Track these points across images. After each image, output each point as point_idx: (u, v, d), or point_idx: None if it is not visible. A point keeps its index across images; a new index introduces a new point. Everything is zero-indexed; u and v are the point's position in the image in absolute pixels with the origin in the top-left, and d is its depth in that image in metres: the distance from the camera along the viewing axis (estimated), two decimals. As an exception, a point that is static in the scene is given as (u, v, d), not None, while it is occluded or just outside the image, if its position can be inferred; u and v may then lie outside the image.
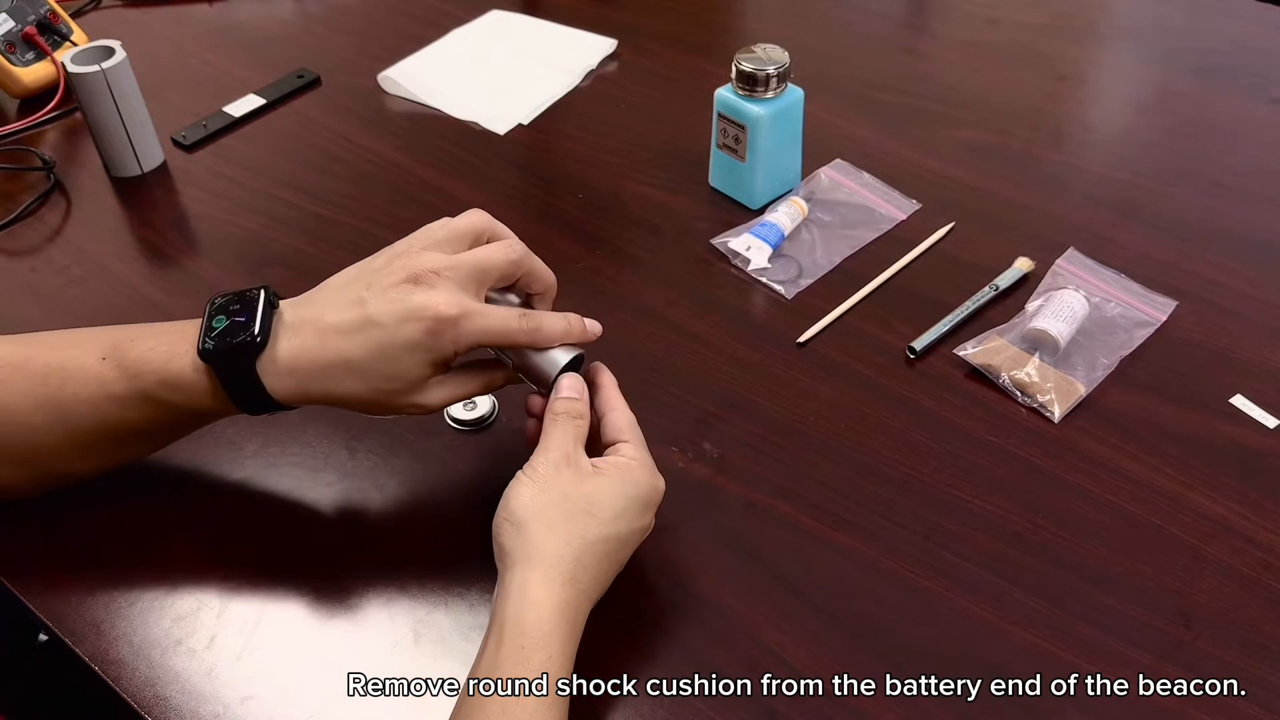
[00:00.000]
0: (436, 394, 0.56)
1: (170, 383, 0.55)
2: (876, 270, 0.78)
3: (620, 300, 0.76)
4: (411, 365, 0.54)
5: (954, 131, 0.92)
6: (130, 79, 0.86)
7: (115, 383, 0.56)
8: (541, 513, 0.52)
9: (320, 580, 0.59)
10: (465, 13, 1.10)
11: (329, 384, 0.55)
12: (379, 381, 0.54)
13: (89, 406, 0.56)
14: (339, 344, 0.54)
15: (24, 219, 0.86)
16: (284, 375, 0.54)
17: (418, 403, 0.56)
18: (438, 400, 0.57)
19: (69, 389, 0.56)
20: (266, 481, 0.64)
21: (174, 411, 0.57)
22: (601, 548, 0.52)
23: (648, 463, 0.56)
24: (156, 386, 0.56)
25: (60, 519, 0.62)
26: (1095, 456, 0.65)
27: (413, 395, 0.55)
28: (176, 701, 0.54)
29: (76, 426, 0.57)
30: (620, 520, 0.53)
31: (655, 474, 0.56)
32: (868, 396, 0.69)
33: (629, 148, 0.92)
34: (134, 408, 0.56)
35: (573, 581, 0.50)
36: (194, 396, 0.56)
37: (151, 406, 0.56)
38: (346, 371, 0.54)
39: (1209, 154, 0.90)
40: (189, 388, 0.55)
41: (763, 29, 1.11)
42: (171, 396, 0.56)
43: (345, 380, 0.54)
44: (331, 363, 0.54)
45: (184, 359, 0.55)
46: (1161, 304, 0.74)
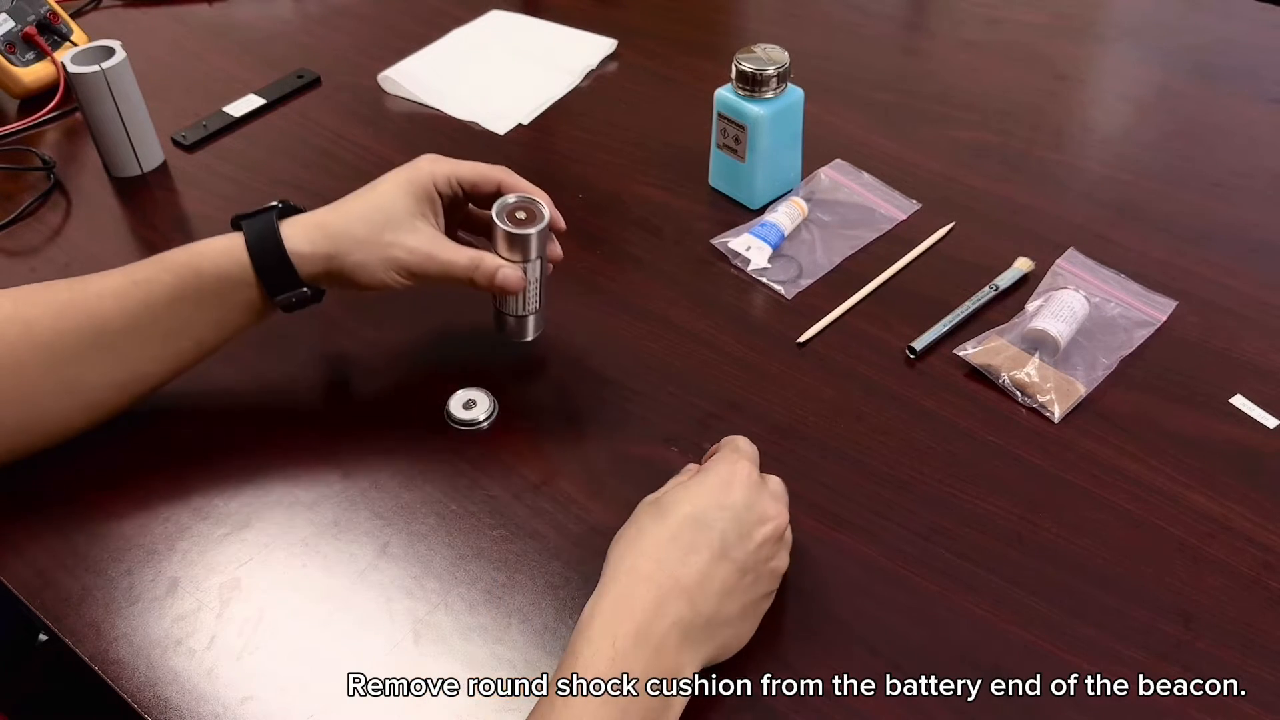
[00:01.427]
0: (420, 240, 0.64)
1: (197, 253, 0.62)
2: (876, 270, 0.78)
3: (620, 300, 0.76)
4: (398, 194, 0.64)
5: (954, 131, 0.92)
6: (130, 79, 0.86)
7: (139, 270, 0.62)
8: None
9: (320, 580, 0.59)
10: (465, 13, 1.10)
11: (339, 225, 0.63)
12: (373, 211, 0.64)
13: (114, 300, 0.61)
14: (344, 201, 0.65)
15: (24, 219, 0.86)
16: (300, 226, 0.63)
17: (402, 242, 0.63)
18: (419, 245, 0.63)
19: (92, 286, 0.62)
20: (266, 482, 0.64)
21: (199, 287, 0.62)
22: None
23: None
24: (181, 265, 0.62)
25: (60, 518, 0.62)
26: (1095, 456, 0.65)
27: (399, 233, 0.63)
28: (176, 701, 0.54)
29: (102, 323, 0.61)
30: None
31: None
32: (868, 396, 0.69)
33: (629, 148, 0.92)
34: (159, 288, 0.61)
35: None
36: (220, 264, 0.62)
37: (176, 284, 0.61)
38: (353, 214, 0.64)
39: (1209, 154, 0.90)
40: (215, 256, 0.62)
41: (763, 29, 1.11)
42: (199, 265, 0.62)
43: (355, 224, 0.63)
44: (338, 208, 0.64)
45: (210, 240, 0.63)
46: (1161, 304, 0.74)
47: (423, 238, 0.64)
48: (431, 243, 0.64)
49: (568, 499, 0.63)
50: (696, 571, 0.51)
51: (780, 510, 0.55)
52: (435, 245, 0.64)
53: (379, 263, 0.63)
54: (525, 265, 0.65)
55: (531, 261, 0.65)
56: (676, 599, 0.50)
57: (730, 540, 0.52)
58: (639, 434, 0.66)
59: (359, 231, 0.63)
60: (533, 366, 0.73)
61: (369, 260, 0.63)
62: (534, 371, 0.73)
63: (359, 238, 0.63)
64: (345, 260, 0.63)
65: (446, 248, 0.64)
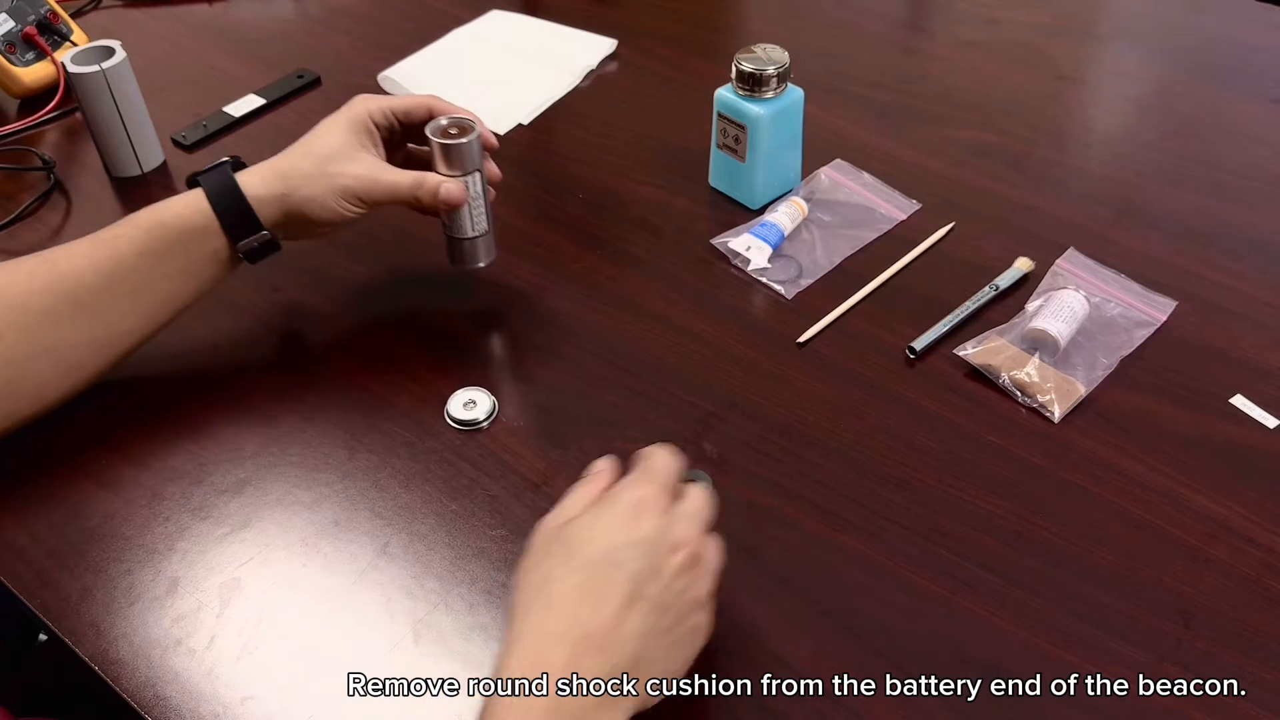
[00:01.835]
0: (364, 167, 0.68)
1: (161, 209, 0.66)
2: (876, 270, 0.78)
3: (620, 300, 0.76)
4: (336, 130, 0.68)
5: (954, 131, 0.92)
6: (130, 79, 0.86)
7: (105, 231, 0.65)
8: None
9: (320, 580, 0.59)
10: (465, 13, 1.10)
11: (288, 165, 0.67)
12: (317, 148, 0.68)
13: (83, 258, 0.64)
14: (292, 147, 0.69)
15: (24, 219, 0.86)
16: (254, 173, 0.67)
17: (347, 169, 0.67)
18: (363, 171, 0.67)
19: (60, 251, 0.65)
20: (266, 481, 0.64)
21: (165, 239, 0.65)
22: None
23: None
24: (146, 220, 0.65)
25: (60, 518, 0.62)
26: (1095, 456, 0.65)
27: (344, 163, 0.67)
28: (176, 701, 0.54)
29: (72, 283, 0.63)
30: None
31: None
32: (868, 396, 0.69)
33: (629, 148, 0.92)
34: (125, 244, 0.64)
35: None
36: (184, 215, 0.65)
37: (143, 238, 0.64)
38: (299, 154, 0.68)
39: (1209, 154, 0.90)
40: (179, 208, 0.65)
41: (763, 29, 1.11)
42: (163, 218, 0.65)
43: (301, 161, 0.67)
44: (288, 154, 0.68)
45: (172, 198, 0.66)
46: (1161, 304, 0.74)
47: (366, 164, 0.68)
48: (375, 168, 0.68)
49: (568, 499, 0.63)
50: (609, 620, 0.47)
51: (692, 533, 0.50)
52: (378, 170, 0.68)
53: (328, 192, 0.67)
54: (465, 179, 0.68)
55: (470, 174, 0.69)
56: (591, 655, 0.46)
57: (643, 579, 0.48)
58: (639, 434, 0.66)
59: (306, 167, 0.67)
60: (533, 366, 0.73)
61: (319, 192, 0.67)
62: (534, 371, 0.73)
63: (307, 172, 0.67)
64: (297, 195, 0.67)
65: (389, 171, 0.69)
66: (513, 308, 0.76)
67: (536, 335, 0.74)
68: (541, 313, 0.76)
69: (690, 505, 0.52)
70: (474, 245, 0.72)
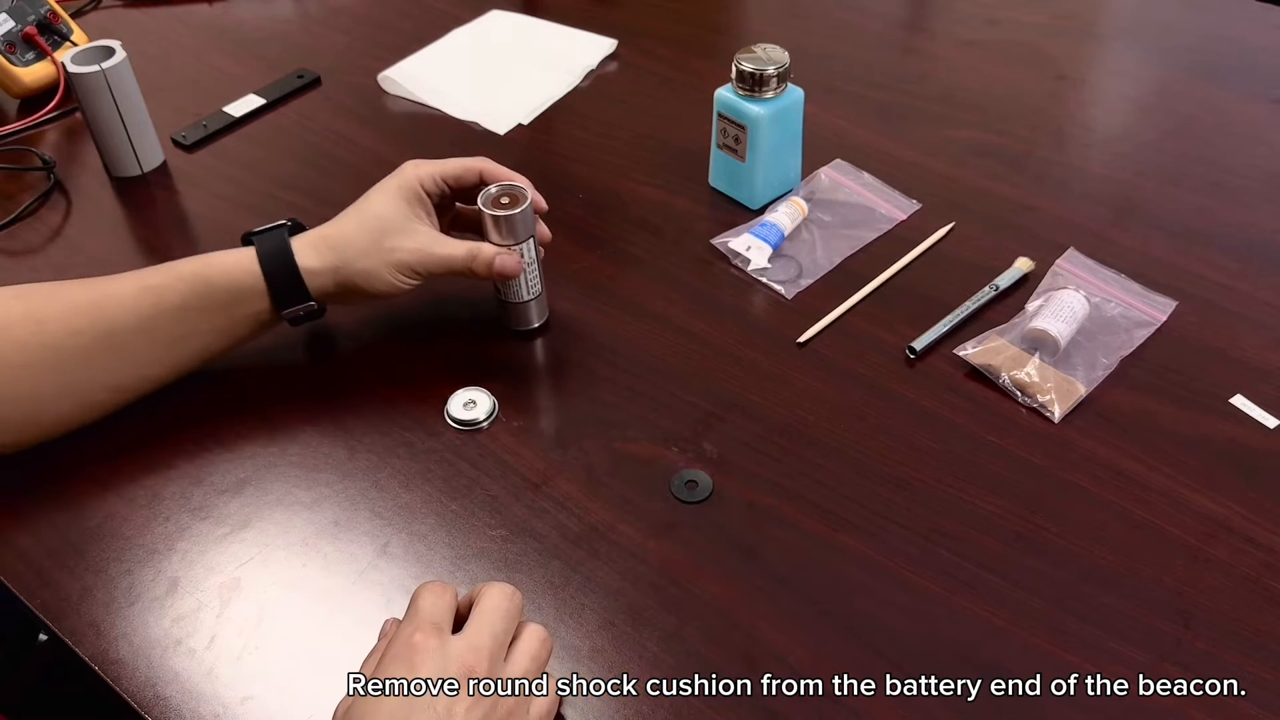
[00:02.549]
0: (418, 240, 0.67)
1: (210, 264, 0.65)
2: (876, 270, 0.78)
3: (620, 300, 0.76)
4: (389, 200, 0.67)
5: (954, 131, 0.92)
6: (130, 79, 0.86)
7: (152, 275, 0.65)
8: None
9: (320, 580, 0.59)
10: (465, 13, 1.10)
11: (343, 238, 0.67)
12: (370, 220, 0.67)
13: (126, 303, 0.63)
14: (343, 214, 0.69)
15: (24, 219, 0.86)
16: (308, 242, 0.66)
17: (402, 244, 0.67)
18: (417, 244, 0.67)
19: (105, 289, 0.64)
20: (266, 481, 0.64)
21: (210, 297, 0.64)
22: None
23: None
24: (194, 274, 0.65)
25: (60, 518, 0.62)
26: (1095, 456, 0.65)
27: (398, 237, 0.67)
28: (176, 701, 0.54)
29: (112, 326, 0.63)
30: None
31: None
32: (868, 396, 0.69)
33: (629, 148, 0.92)
34: (171, 294, 0.64)
35: None
36: (233, 276, 0.65)
37: (188, 292, 0.64)
38: (353, 227, 0.67)
39: (1209, 154, 0.90)
40: (228, 267, 0.65)
41: (763, 29, 1.11)
42: (211, 275, 0.65)
43: (354, 234, 0.67)
44: (339, 223, 0.68)
45: (223, 252, 0.66)
46: (1161, 304, 0.74)
47: (421, 237, 0.67)
48: (430, 240, 0.68)
49: (567, 499, 0.63)
50: None
51: (476, 654, 0.48)
52: (433, 242, 0.68)
53: (384, 266, 0.66)
54: (519, 247, 0.68)
55: (523, 243, 0.68)
56: None
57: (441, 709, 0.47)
58: (639, 434, 0.67)
59: (361, 242, 0.66)
60: (533, 366, 0.73)
61: (374, 266, 0.66)
62: (534, 371, 0.73)
63: (362, 248, 0.66)
64: (352, 269, 0.66)
65: (444, 243, 0.68)
66: (513, 308, 0.77)
67: (537, 335, 0.74)
68: (543, 297, 0.76)
69: (474, 631, 0.49)
70: (528, 308, 0.72)
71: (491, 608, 0.50)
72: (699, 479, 0.63)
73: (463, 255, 0.67)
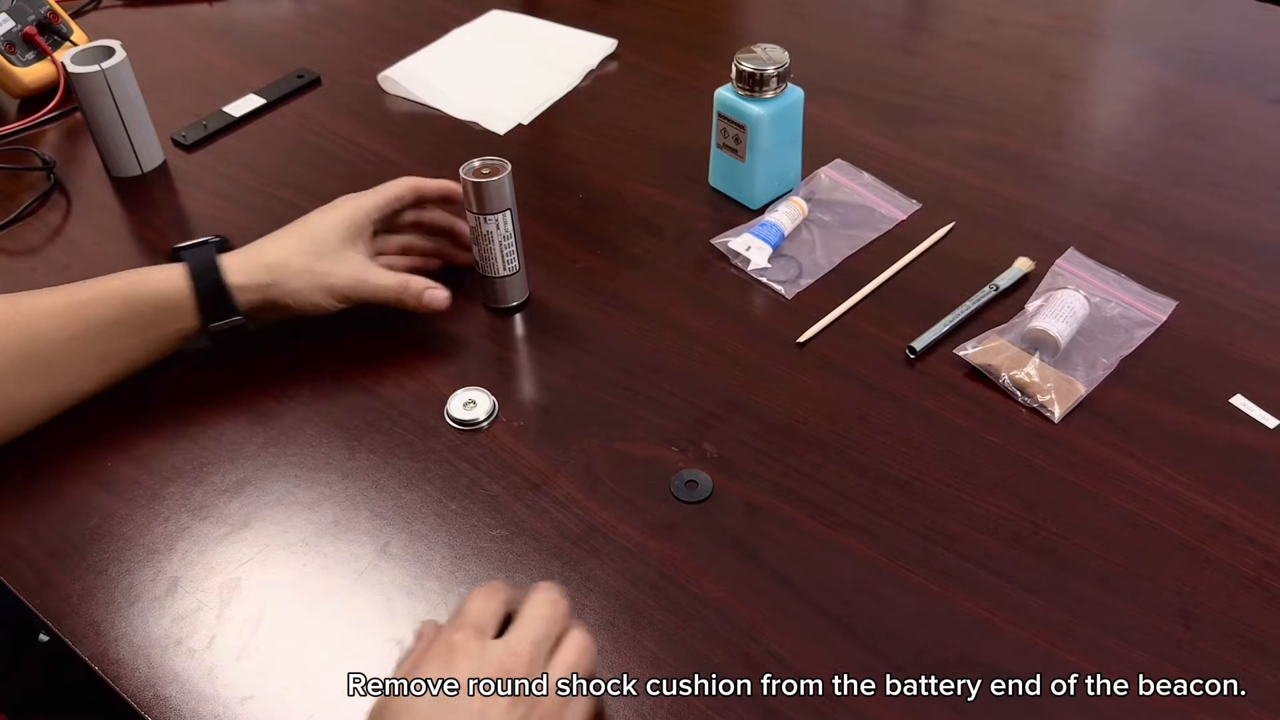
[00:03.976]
0: (352, 267, 0.69)
1: (139, 282, 0.66)
2: (876, 270, 0.78)
3: (620, 300, 0.76)
4: (330, 227, 0.70)
5: (954, 131, 0.92)
6: (130, 79, 0.86)
7: (80, 291, 0.65)
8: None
9: (320, 580, 0.59)
10: (465, 13, 1.10)
11: (276, 258, 0.68)
12: (306, 243, 0.69)
13: (55, 320, 0.64)
14: (279, 233, 0.70)
15: (24, 219, 0.86)
16: (239, 260, 0.68)
17: (337, 269, 0.69)
18: (351, 271, 0.69)
19: (33, 304, 0.64)
20: (266, 481, 0.64)
21: (140, 314, 0.65)
22: None
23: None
24: (123, 291, 0.65)
25: (60, 518, 0.62)
26: (1095, 456, 0.65)
27: (333, 262, 0.69)
28: (176, 701, 0.54)
29: (41, 343, 0.63)
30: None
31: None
32: (868, 396, 0.69)
33: (629, 148, 0.92)
34: (100, 310, 0.64)
35: None
36: (162, 292, 0.66)
37: (118, 307, 0.65)
38: (288, 248, 0.69)
39: (1208, 154, 0.90)
40: (158, 284, 0.66)
41: (763, 29, 1.11)
42: (141, 293, 0.65)
43: (291, 257, 0.68)
44: (274, 240, 0.70)
45: (151, 269, 0.67)
46: (1161, 304, 0.74)
47: (354, 265, 0.70)
48: (363, 269, 0.70)
49: (567, 499, 0.63)
50: None
51: (514, 658, 0.49)
52: (366, 271, 0.70)
53: (315, 290, 0.69)
54: (494, 218, 0.70)
55: (500, 214, 0.70)
56: None
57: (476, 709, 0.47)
58: (639, 434, 0.66)
59: (295, 264, 0.68)
60: (533, 366, 0.73)
61: (303, 288, 0.68)
62: (534, 371, 0.73)
63: (295, 270, 0.68)
64: (282, 289, 0.68)
65: (376, 273, 0.71)
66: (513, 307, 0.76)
67: (537, 335, 0.74)
68: (542, 313, 0.76)
69: (517, 635, 0.50)
70: (506, 284, 0.74)
71: (534, 614, 0.51)
72: (699, 479, 0.63)
73: (393, 285, 0.70)
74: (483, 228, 0.70)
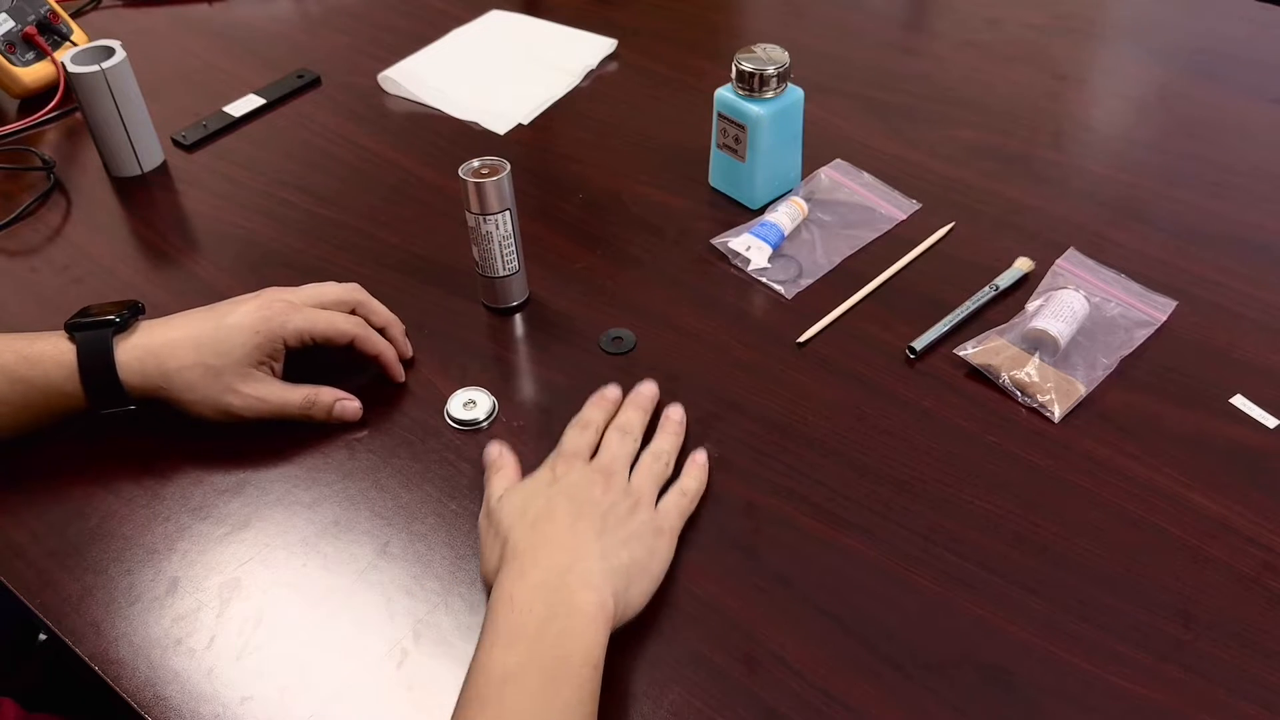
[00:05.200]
0: (254, 387, 0.65)
1: (29, 360, 0.63)
2: (876, 270, 0.78)
3: (620, 300, 0.76)
4: (240, 343, 0.64)
5: (954, 131, 0.92)
6: (130, 79, 0.86)
7: None
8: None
9: (320, 580, 0.59)
10: (465, 13, 1.10)
11: (175, 362, 0.63)
12: (209, 354, 0.64)
13: None
14: (186, 324, 0.65)
15: (24, 219, 0.86)
16: (135, 353, 0.63)
17: (237, 388, 0.64)
18: (253, 391, 0.65)
19: None
20: (266, 481, 0.64)
21: (25, 394, 0.63)
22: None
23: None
24: (12, 370, 0.63)
25: (60, 518, 0.63)
26: (1095, 456, 0.65)
27: (235, 379, 0.64)
28: (176, 701, 0.54)
29: None
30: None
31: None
32: (868, 396, 0.69)
33: (629, 148, 0.92)
34: None
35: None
36: (51, 376, 0.63)
37: (5, 388, 0.62)
38: (191, 354, 0.64)
39: (1209, 154, 0.90)
40: (48, 366, 0.63)
41: (763, 29, 1.11)
42: (28, 374, 0.63)
43: (188, 364, 0.63)
44: (177, 338, 0.64)
45: (47, 338, 0.64)
46: (1161, 304, 0.74)
47: (257, 386, 0.65)
48: (266, 390, 0.65)
49: (568, 499, 0.63)
50: (564, 531, 0.56)
51: (613, 463, 0.61)
52: (269, 392, 0.66)
53: (210, 400, 0.64)
54: (496, 216, 0.69)
55: (499, 214, 0.70)
56: (552, 553, 0.55)
57: (581, 503, 0.58)
58: (639, 434, 0.66)
59: (193, 373, 0.64)
60: (533, 366, 0.73)
61: (200, 398, 0.64)
62: (534, 371, 0.73)
63: (191, 379, 0.64)
64: (175, 392, 0.64)
65: (278, 391, 0.66)
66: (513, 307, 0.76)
67: (537, 335, 0.74)
68: (542, 313, 0.76)
69: (607, 455, 0.62)
70: (506, 284, 0.74)
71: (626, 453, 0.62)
72: (623, 335, 0.67)
73: (299, 401, 0.66)
74: (482, 228, 0.70)
